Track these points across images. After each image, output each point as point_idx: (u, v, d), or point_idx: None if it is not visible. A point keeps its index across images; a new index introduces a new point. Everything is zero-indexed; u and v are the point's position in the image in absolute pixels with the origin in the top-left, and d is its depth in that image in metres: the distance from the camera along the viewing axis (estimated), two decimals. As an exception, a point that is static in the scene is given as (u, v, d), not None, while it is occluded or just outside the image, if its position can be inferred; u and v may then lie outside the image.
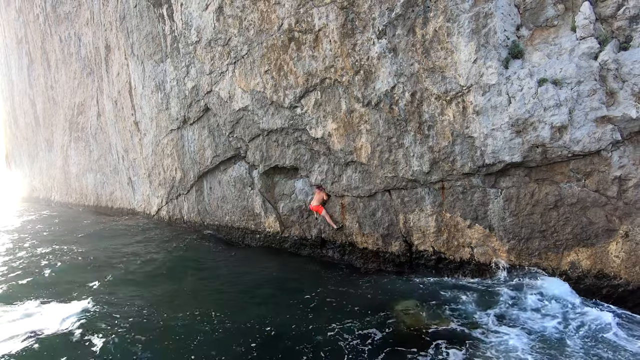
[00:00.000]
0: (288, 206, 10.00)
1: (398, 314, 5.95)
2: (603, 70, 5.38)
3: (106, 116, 18.66)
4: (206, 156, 12.01)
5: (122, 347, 5.44)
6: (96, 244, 12.37)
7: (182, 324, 6.05)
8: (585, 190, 5.62)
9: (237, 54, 9.85)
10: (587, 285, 5.78)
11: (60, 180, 27.23)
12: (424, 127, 6.88)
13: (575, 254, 5.87)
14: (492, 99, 6.03)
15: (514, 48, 5.93)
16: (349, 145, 8.04)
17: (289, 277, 8.20)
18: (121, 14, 14.88)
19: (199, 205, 13.08)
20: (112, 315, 6.46)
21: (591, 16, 5.55)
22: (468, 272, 6.97)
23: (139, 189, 16.93)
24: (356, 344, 5.24)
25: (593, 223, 5.65)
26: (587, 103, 5.41)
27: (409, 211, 7.53)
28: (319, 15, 7.85)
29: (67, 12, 20.77)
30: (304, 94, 8.56)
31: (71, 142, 23.50)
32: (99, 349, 5.41)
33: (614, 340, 4.75)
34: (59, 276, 8.92)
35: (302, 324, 5.90)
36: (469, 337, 5.13)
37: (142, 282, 8.30)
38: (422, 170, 7.02)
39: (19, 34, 29.09)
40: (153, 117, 14.15)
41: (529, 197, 6.09)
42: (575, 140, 5.48)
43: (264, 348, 5.31)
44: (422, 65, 6.69)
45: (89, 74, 19.71)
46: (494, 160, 6.16)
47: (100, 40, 17.67)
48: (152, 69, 13.55)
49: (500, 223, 6.42)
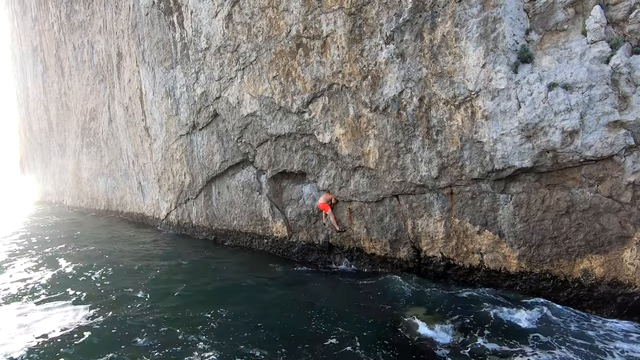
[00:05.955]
0: (296, 211, 10.01)
1: (407, 321, 5.89)
2: (615, 74, 5.30)
3: (117, 122, 18.98)
4: (215, 161, 12.12)
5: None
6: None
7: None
8: (598, 196, 5.52)
9: (245, 60, 9.95)
10: (601, 294, 5.65)
11: (72, 185, 27.71)
12: (432, 132, 6.84)
13: (588, 261, 5.74)
14: (502, 104, 5.98)
15: (523, 52, 5.88)
16: (357, 151, 8.03)
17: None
18: (133, 22, 15.19)
19: (207, 210, 13.17)
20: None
21: (602, 20, 5.49)
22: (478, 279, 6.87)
23: (149, 193, 17.13)
24: (364, 352, 5.19)
25: (606, 229, 5.53)
26: (599, 107, 5.33)
27: (417, 217, 7.47)
28: (327, 21, 7.90)
29: (80, 20, 21.27)
30: (311, 100, 8.60)
31: (83, 147, 23.94)
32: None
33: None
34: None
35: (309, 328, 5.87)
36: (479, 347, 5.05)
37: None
38: (431, 176, 6.98)
39: (34, 42, 29.87)
40: (163, 123, 14.35)
41: (540, 202, 6.00)
42: (587, 145, 5.39)
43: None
44: (430, 70, 6.67)
45: (101, 81, 20.10)
46: (503, 166, 6.09)
47: (112, 47, 18.03)
48: (162, 75, 13.76)
49: (510, 229, 6.32)
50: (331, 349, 5.30)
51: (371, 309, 6.45)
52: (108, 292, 8.01)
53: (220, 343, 5.59)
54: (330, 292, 7.45)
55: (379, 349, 5.21)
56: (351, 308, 6.54)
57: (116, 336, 5.91)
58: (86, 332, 6.06)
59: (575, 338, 5.04)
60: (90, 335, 5.99)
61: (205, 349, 5.45)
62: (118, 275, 9.33)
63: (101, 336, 5.95)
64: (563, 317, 5.56)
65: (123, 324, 6.31)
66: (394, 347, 5.25)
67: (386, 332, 5.63)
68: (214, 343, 5.61)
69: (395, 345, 5.30)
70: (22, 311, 7.23)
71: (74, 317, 6.81)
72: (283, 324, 6.12)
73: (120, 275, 9.38)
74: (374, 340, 5.44)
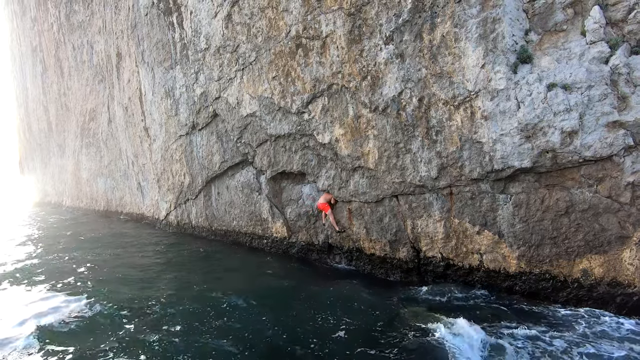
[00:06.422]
0: (295, 211, 10.01)
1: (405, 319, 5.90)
2: (614, 74, 5.31)
3: (117, 122, 18.97)
4: (214, 161, 12.11)
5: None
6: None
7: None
8: (597, 196, 5.52)
9: (245, 61, 9.95)
10: (600, 294, 5.66)
11: (71, 185, 27.68)
12: (431, 133, 6.85)
13: (588, 261, 5.75)
14: (501, 104, 5.98)
15: (523, 53, 5.89)
16: (356, 151, 8.03)
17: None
18: (132, 22, 15.18)
19: (207, 210, 13.17)
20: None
21: (601, 20, 5.50)
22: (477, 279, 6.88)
23: (148, 194, 17.12)
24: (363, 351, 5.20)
25: (605, 230, 5.53)
26: (598, 108, 5.34)
27: (416, 217, 7.48)
28: (326, 21, 7.90)
29: (80, 21, 21.26)
30: (311, 100, 8.60)
31: (82, 147, 23.92)
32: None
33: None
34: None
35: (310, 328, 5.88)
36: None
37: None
38: (430, 176, 6.98)
39: (34, 42, 29.84)
40: (162, 123, 14.34)
41: (539, 203, 6.00)
42: (586, 145, 5.40)
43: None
44: (429, 70, 6.68)
45: (101, 81, 20.09)
46: (503, 166, 6.09)
47: (111, 48, 18.03)
48: (161, 75, 13.76)
49: (509, 229, 6.33)
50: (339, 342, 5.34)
51: (371, 308, 6.46)
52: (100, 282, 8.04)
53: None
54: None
55: (376, 348, 5.21)
56: (351, 309, 6.56)
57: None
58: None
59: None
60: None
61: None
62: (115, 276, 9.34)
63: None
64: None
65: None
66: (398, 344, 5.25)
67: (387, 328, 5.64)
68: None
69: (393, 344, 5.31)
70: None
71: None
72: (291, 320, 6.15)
73: (118, 276, 9.39)
74: (371, 339, 5.45)
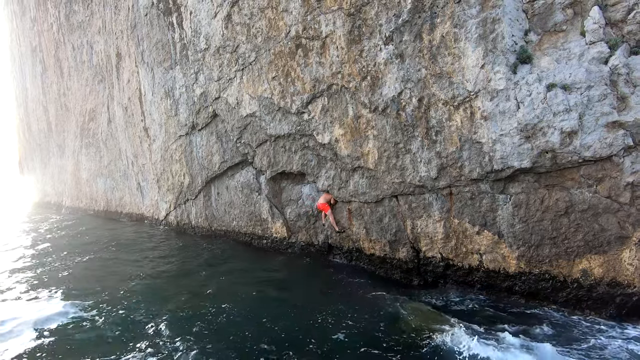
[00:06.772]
0: (295, 212, 10.00)
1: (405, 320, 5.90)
2: (613, 75, 5.31)
3: (116, 122, 18.95)
4: (214, 162, 12.11)
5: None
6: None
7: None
8: (597, 196, 5.53)
9: (245, 61, 9.95)
10: (600, 294, 5.66)
11: (71, 185, 27.65)
12: (431, 133, 6.85)
13: (587, 261, 5.75)
14: (501, 104, 5.98)
15: (522, 53, 5.89)
16: (356, 151, 8.03)
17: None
18: (132, 22, 15.17)
19: (206, 211, 13.16)
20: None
21: (601, 20, 5.50)
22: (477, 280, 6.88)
23: (148, 194, 17.11)
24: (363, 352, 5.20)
25: (605, 230, 5.54)
26: (598, 108, 5.34)
27: (416, 217, 7.48)
28: (326, 22, 7.90)
29: (80, 21, 21.24)
30: (311, 100, 8.60)
31: (82, 147, 23.89)
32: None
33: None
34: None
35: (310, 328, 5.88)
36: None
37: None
38: (430, 176, 6.98)
39: (34, 42, 29.81)
40: (162, 123, 14.34)
41: (539, 203, 6.00)
42: (586, 145, 5.40)
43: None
44: (429, 70, 6.68)
45: (100, 81, 20.07)
46: (502, 166, 6.09)
47: (111, 48, 18.01)
48: (161, 76, 13.76)
49: (509, 229, 6.33)
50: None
51: (370, 308, 6.46)
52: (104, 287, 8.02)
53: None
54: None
55: (375, 348, 5.21)
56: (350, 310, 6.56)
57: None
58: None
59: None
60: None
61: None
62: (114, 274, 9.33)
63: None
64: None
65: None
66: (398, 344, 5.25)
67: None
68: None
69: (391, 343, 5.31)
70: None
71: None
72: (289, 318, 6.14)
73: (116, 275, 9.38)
74: (370, 339, 5.45)
